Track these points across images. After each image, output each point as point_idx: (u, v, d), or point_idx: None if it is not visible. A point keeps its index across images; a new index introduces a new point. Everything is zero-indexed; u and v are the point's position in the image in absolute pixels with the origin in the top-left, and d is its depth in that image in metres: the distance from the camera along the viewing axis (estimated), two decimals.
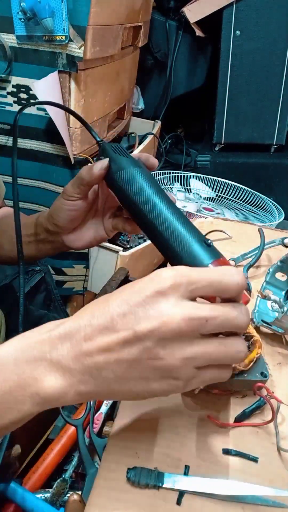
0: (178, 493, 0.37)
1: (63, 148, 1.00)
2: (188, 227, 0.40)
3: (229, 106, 1.45)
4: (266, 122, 1.47)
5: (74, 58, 0.89)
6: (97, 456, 0.53)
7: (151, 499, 0.37)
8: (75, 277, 1.24)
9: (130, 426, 0.42)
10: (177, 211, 0.42)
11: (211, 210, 1.19)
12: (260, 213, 1.22)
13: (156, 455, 0.40)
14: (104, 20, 0.93)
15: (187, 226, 0.40)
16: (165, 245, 0.40)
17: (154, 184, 0.45)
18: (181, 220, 0.41)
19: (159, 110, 1.54)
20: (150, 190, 0.43)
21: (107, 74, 1.08)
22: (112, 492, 0.37)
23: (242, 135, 1.49)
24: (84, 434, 0.52)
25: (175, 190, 1.29)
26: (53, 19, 0.85)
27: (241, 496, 0.37)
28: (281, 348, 0.52)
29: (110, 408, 0.66)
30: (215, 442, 0.42)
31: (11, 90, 0.98)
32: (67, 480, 0.60)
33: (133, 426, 0.42)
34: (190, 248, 0.38)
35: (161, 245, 0.41)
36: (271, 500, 0.37)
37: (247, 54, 1.38)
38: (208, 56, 1.50)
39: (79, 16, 0.86)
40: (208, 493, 0.37)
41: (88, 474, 0.51)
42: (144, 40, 1.30)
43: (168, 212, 0.41)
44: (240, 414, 0.44)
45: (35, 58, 0.93)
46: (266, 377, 0.44)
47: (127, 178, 0.45)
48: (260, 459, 0.41)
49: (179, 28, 1.43)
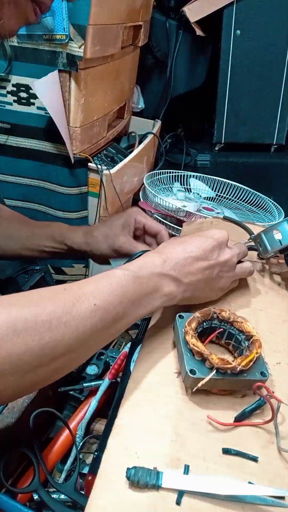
0: (178, 493, 0.37)
1: (63, 147, 1.00)
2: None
3: (229, 106, 1.45)
4: (266, 122, 1.47)
5: (74, 57, 0.89)
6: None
7: (150, 499, 0.37)
8: (75, 276, 1.24)
9: (130, 426, 0.42)
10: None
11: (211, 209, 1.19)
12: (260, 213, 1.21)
13: (155, 455, 0.40)
14: (105, 19, 0.93)
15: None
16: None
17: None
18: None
19: (159, 109, 1.54)
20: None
21: (107, 73, 1.08)
22: (111, 492, 0.37)
23: (242, 135, 1.49)
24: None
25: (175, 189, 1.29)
26: (53, 18, 0.85)
27: (241, 496, 0.37)
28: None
29: None
30: (215, 442, 0.42)
31: (11, 89, 0.98)
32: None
33: (133, 426, 0.42)
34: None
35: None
36: (271, 500, 0.37)
37: (247, 54, 1.38)
38: (208, 56, 1.50)
39: (80, 15, 0.86)
40: (207, 493, 0.37)
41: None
42: (144, 40, 1.30)
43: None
44: (240, 414, 0.44)
45: (35, 57, 0.93)
46: (266, 377, 0.45)
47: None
48: (260, 459, 0.41)
49: (179, 27, 1.42)
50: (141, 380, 0.47)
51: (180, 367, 0.47)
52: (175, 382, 0.47)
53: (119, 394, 0.53)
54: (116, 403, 0.54)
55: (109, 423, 0.54)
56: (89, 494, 0.37)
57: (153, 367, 0.49)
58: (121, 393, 0.47)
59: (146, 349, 0.52)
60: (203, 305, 0.54)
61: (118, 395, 0.56)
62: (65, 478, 0.59)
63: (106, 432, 0.50)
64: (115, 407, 0.51)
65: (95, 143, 1.10)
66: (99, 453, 0.52)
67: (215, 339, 0.52)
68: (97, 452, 0.53)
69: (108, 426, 0.54)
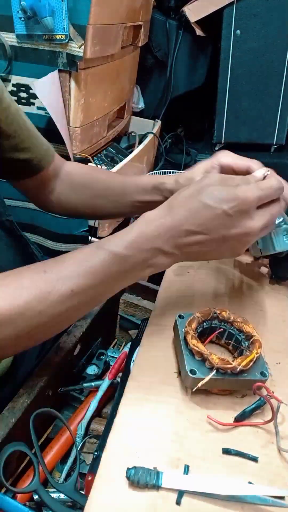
0: (178, 492, 0.37)
1: (63, 147, 1.00)
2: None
3: (229, 106, 1.45)
4: (266, 122, 1.47)
5: (74, 57, 0.89)
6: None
7: (150, 499, 0.37)
8: None
9: (130, 425, 0.42)
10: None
11: None
12: None
13: (155, 454, 0.40)
14: (105, 19, 0.93)
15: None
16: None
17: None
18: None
19: (159, 109, 1.54)
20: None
21: (107, 73, 1.08)
22: (111, 492, 0.37)
23: (242, 135, 1.49)
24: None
25: None
26: (53, 18, 0.85)
27: (241, 496, 0.37)
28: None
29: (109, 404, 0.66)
30: (215, 441, 0.42)
31: (11, 89, 0.98)
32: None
33: (133, 426, 0.42)
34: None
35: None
36: (271, 500, 0.37)
37: (248, 54, 1.38)
38: (208, 56, 1.50)
39: (79, 15, 0.86)
40: (207, 493, 0.37)
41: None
42: (144, 40, 1.30)
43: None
44: (240, 414, 0.44)
45: (35, 57, 0.93)
46: (266, 377, 0.44)
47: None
48: (260, 458, 0.41)
49: (179, 27, 1.43)
50: (141, 380, 0.47)
51: (180, 367, 0.47)
52: (175, 382, 0.47)
53: (119, 394, 0.53)
54: (116, 403, 0.54)
55: (109, 422, 0.54)
56: (89, 494, 0.37)
57: (153, 367, 0.49)
58: (121, 392, 0.47)
59: (146, 349, 0.52)
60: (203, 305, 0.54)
61: (118, 395, 0.56)
62: (65, 478, 0.59)
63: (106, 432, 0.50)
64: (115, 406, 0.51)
65: (95, 143, 1.10)
66: (99, 453, 0.52)
67: (215, 339, 0.52)
68: (97, 452, 0.53)
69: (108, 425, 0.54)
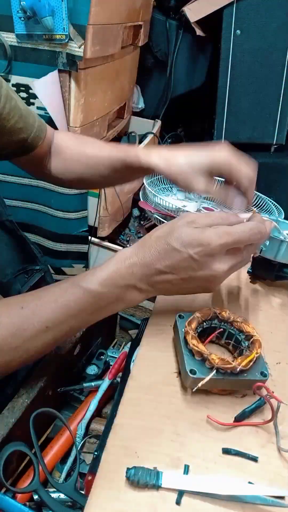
0: (178, 492, 0.37)
1: None
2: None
3: (229, 106, 1.45)
4: (266, 122, 1.47)
5: (74, 57, 0.89)
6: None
7: (150, 498, 0.37)
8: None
9: (130, 426, 0.42)
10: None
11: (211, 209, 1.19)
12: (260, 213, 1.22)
13: (155, 454, 0.40)
14: (104, 19, 0.93)
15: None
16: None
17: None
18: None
19: (159, 109, 1.54)
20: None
21: (107, 73, 1.08)
22: (111, 492, 0.37)
23: (242, 134, 1.49)
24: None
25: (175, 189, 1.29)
26: (53, 18, 0.85)
27: (241, 495, 0.37)
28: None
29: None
30: (215, 441, 0.42)
31: None
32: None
33: (133, 426, 0.42)
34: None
35: None
36: (271, 500, 0.37)
37: (247, 54, 1.38)
38: (208, 56, 1.50)
39: (79, 15, 0.86)
40: (207, 493, 0.37)
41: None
42: (144, 40, 1.30)
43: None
44: (240, 414, 0.44)
45: (35, 57, 0.93)
46: (266, 377, 0.44)
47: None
48: (260, 458, 0.41)
49: (179, 27, 1.43)
50: (141, 380, 0.47)
51: (180, 367, 0.47)
52: (175, 382, 0.47)
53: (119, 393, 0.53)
54: (116, 403, 0.54)
55: (109, 422, 0.54)
56: (89, 494, 0.37)
57: (153, 366, 0.49)
58: (121, 392, 0.47)
59: (146, 348, 0.52)
60: (203, 305, 0.54)
61: (118, 395, 0.56)
62: (65, 478, 0.59)
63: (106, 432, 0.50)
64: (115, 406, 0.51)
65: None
66: (99, 452, 0.52)
67: (215, 339, 0.51)
68: (97, 452, 0.53)
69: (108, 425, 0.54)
